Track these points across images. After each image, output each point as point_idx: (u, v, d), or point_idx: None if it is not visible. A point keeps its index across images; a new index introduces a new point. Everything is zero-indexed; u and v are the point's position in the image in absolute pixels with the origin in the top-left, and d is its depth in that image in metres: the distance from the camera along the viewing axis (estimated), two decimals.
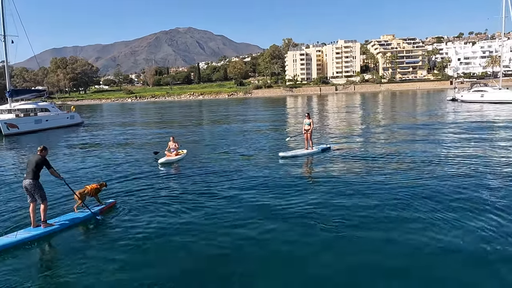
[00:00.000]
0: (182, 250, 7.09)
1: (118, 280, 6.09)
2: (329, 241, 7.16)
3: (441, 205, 8.85)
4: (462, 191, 9.86)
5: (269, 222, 8.21)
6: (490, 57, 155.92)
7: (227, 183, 11.69)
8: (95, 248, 7.35)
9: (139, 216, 8.97)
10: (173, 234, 7.84)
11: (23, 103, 38.26)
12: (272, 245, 7.13)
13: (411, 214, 8.37)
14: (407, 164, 13.45)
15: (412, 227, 7.64)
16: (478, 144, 17.54)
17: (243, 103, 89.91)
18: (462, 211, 8.43)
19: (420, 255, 6.47)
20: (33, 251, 7.40)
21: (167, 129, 33.31)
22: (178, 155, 15.97)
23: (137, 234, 7.89)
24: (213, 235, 7.67)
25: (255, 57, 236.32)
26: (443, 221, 7.87)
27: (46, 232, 8.08)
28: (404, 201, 9.25)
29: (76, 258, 6.91)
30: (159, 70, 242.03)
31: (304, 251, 6.79)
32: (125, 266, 6.54)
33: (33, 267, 6.75)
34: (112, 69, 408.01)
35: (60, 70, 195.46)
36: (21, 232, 8.04)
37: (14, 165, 17.50)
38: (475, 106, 42.80)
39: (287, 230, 7.76)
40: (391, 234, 7.31)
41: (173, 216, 8.90)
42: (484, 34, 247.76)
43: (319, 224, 7.98)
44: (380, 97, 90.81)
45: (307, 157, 15.62)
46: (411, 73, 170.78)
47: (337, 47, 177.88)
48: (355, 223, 7.97)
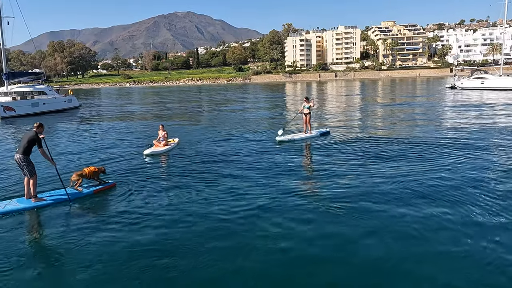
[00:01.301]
0: (173, 230, 7.02)
1: (95, 253, 6.20)
2: (328, 228, 7.13)
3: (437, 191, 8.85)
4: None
5: (264, 212, 7.93)
6: (491, 45, 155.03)
7: (223, 169, 11.38)
8: (81, 224, 7.46)
9: (132, 199, 8.85)
10: (164, 215, 7.78)
11: (20, 86, 37.86)
12: (262, 229, 7.10)
13: (411, 200, 8.35)
14: (405, 150, 13.40)
15: (409, 212, 7.64)
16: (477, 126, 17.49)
17: (242, 89, 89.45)
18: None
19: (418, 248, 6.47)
20: (19, 221, 7.71)
21: (165, 113, 33.13)
22: (167, 145, 14.73)
23: (127, 214, 7.88)
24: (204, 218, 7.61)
25: (255, 42, 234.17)
26: (438, 201, 7.87)
27: (34, 205, 8.30)
28: (406, 189, 9.22)
29: (58, 232, 7.10)
30: (158, 54, 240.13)
31: (302, 244, 6.74)
32: (106, 241, 6.63)
33: (15, 236, 6.96)
34: (110, 53, 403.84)
35: (58, 53, 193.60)
36: (13, 202, 8.43)
37: (13, 142, 17.46)
38: (475, 93, 42.61)
39: (285, 220, 7.73)
40: (388, 213, 7.31)
41: (166, 199, 8.80)
42: (486, 22, 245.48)
43: (331, 212, 7.94)
44: (380, 84, 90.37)
45: (306, 141, 15.49)
46: (411, 60, 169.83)
47: (337, 33, 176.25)
48: (354, 204, 7.96)
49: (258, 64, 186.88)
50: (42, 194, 8.90)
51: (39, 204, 8.39)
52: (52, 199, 8.70)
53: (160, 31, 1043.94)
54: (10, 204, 8.28)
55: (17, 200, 8.53)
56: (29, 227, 7.60)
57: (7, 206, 8.16)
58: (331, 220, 7.20)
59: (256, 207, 8.02)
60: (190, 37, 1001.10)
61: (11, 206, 8.20)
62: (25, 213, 8.07)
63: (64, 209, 8.34)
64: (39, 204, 8.38)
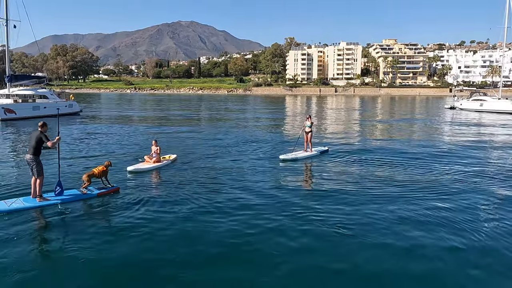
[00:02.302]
0: (174, 240, 7.10)
1: (91, 256, 6.41)
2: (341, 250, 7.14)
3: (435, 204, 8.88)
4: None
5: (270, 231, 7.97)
6: (490, 67, 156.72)
7: (225, 187, 11.08)
8: (83, 225, 7.78)
9: (134, 206, 9.02)
10: (166, 223, 7.94)
11: (22, 89, 37.96)
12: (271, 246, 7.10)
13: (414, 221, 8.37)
14: (404, 170, 13.46)
15: (413, 231, 7.65)
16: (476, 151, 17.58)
17: (243, 100, 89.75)
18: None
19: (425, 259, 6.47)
20: (23, 220, 7.99)
21: (164, 123, 33.19)
22: (159, 161, 13.71)
23: (127, 220, 8.13)
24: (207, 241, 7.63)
25: (257, 54, 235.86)
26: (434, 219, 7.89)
27: (39, 205, 8.67)
28: (407, 207, 9.25)
29: (60, 232, 7.50)
30: (160, 62, 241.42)
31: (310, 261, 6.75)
32: (104, 244, 6.87)
33: (16, 234, 7.24)
34: (112, 59, 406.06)
35: (60, 57, 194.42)
36: (19, 200, 8.83)
37: (19, 142, 17.58)
38: (473, 115, 42.90)
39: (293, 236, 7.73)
40: (389, 237, 7.32)
41: (170, 208, 8.92)
42: (486, 44, 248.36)
43: (337, 235, 7.93)
44: (379, 101, 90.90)
45: (307, 161, 15.25)
46: (411, 79, 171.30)
47: (339, 48, 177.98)
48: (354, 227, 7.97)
49: (259, 76, 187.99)
50: (47, 194, 9.22)
51: (44, 204, 8.72)
52: (56, 199, 9.01)
53: (163, 39, 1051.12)
54: (16, 203, 8.65)
55: (23, 199, 8.89)
56: (31, 226, 7.77)
57: (12, 205, 8.53)
58: (336, 244, 7.19)
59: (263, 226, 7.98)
60: (192, 46, 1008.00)
61: (17, 204, 8.56)
62: (30, 212, 8.38)
63: (67, 209, 8.66)
64: (43, 204, 8.72)
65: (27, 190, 9.49)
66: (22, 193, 9.55)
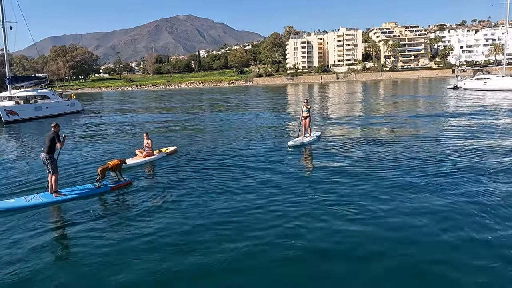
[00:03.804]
0: (184, 233, 7.11)
1: (106, 247, 6.61)
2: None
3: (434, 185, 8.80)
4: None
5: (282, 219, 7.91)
6: (493, 45, 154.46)
7: (238, 176, 10.86)
8: (96, 219, 8.06)
9: (147, 198, 9.28)
10: (179, 215, 8.01)
11: (23, 90, 38.04)
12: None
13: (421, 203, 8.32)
14: (406, 150, 13.37)
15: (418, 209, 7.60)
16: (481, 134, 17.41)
17: (244, 91, 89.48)
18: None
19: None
20: (41, 214, 8.48)
21: (167, 117, 33.17)
22: (151, 155, 13.41)
23: (141, 212, 8.30)
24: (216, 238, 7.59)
25: (256, 45, 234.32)
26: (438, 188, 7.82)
27: (56, 200, 9.22)
28: (414, 187, 9.19)
29: (75, 225, 7.77)
30: (159, 58, 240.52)
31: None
32: (117, 239, 6.98)
33: (35, 228, 7.65)
34: (112, 57, 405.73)
35: (60, 58, 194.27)
36: (37, 196, 9.38)
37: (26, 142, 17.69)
38: (477, 94, 42.47)
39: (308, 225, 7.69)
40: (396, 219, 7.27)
41: (182, 200, 9.02)
42: (487, 22, 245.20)
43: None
44: (381, 85, 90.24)
45: (313, 144, 15.29)
46: (413, 61, 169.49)
47: (339, 35, 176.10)
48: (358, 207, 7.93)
49: (259, 67, 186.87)
50: (63, 189, 9.79)
51: (60, 199, 9.28)
52: (72, 194, 9.56)
53: (161, 35, 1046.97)
54: (35, 199, 9.21)
55: (41, 195, 9.46)
56: (49, 220, 8.22)
57: (31, 200, 9.10)
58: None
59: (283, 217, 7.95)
60: (191, 40, 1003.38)
61: (35, 200, 9.13)
62: (47, 207, 8.92)
63: (82, 203, 9.07)
64: (60, 199, 9.28)
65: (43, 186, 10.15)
66: (40, 189, 10.06)
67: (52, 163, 9.22)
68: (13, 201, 9.05)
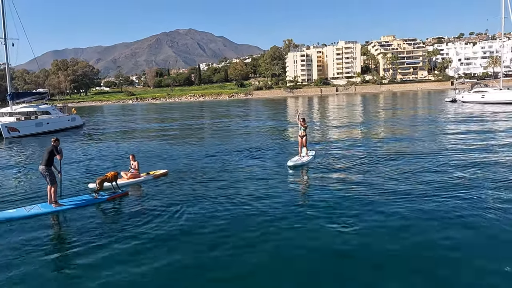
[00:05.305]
0: (178, 250, 7.10)
1: (105, 257, 6.90)
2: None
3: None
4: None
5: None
6: (491, 58, 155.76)
7: (238, 195, 10.75)
8: (95, 228, 8.40)
9: (142, 210, 9.62)
10: (173, 234, 8.00)
11: (24, 106, 38.22)
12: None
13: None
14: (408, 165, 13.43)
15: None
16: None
17: (244, 105, 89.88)
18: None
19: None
20: (40, 224, 8.86)
21: (166, 133, 33.30)
22: (137, 177, 12.86)
23: (135, 224, 8.56)
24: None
25: (256, 58, 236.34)
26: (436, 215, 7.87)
27: (55, 210, 9.62)
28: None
29: (74, 235, 8.07)
30: (160, 71, 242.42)
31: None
32: (113, 246, 7.33)
33: (34, 238, 7.99)
34: (113, 70, 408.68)
35: (61, 72, 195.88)
36: (37, 206, 9.83)
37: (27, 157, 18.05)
38: (476, 107, 42.65)
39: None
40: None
41: (179, 212, 9.27)
42: (485, 35, 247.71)
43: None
44: (381, 97, 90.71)
45: (313, 163, 14.96)
46: (411, 74, 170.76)
47: (338, 48, 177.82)
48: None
49: (259, 80, 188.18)
50: (62, 200, 10.21)
51: (59, 209, 9.69)
52: (71, 204, 9.98)
53: (162, 48, 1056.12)
54: (34, 209, 9.64)
55: (40, 205, 9.92)
56: (48, 229, 8.60)
57: (31, 210, 9.52)
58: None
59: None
60: (192, 53, 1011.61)
61: (35, 210, 9.55)
62: (47, 217, 9.34)
63: (80, 213, 9.49)
64: (59, 209, 9.69)
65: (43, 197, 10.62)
66: (39, 200, 10.62)
67: (50, 175, 9.66)
68: (14, 211, 9.50)
